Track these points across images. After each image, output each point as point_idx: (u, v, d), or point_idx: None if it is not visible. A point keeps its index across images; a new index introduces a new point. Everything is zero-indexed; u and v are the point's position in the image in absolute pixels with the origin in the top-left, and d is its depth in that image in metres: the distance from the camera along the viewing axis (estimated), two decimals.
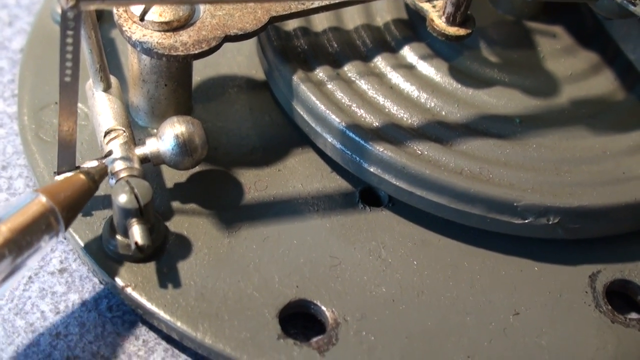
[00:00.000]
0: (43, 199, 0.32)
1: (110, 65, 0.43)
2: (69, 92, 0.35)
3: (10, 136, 0.43)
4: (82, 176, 0.34)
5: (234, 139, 0.42)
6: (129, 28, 0.37)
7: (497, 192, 0.37)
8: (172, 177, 0.40)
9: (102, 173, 0.36)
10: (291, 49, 0.42)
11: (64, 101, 0.35)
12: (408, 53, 0.42)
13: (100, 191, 0.39)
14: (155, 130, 0.41)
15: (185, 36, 0.37)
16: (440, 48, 0.42)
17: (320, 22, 0.43)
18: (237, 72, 0.45)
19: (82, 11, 0.32)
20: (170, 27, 0.37)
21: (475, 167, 0.38)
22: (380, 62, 0.42)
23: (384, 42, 0.43)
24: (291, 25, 0.43)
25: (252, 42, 0.44)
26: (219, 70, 0.45)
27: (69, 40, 0.33)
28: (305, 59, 0.41)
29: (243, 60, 0.45)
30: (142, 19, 0.37)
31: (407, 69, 0.42)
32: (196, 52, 0.37)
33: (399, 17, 0.44)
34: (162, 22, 0.37)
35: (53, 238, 0.33)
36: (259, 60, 0.44)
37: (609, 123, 0.42)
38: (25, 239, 0.31)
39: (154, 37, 0.37)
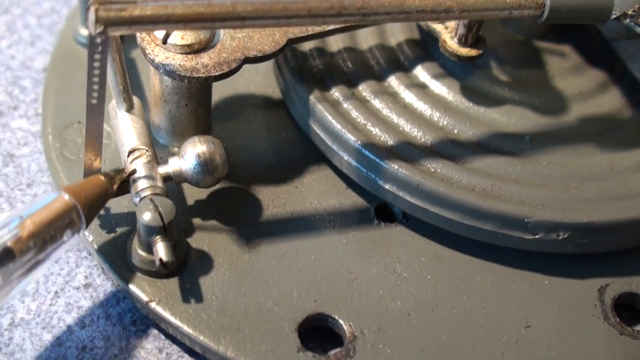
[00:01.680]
0: (66, 196, 0.34)
1: (132, 84, 0.44)
2: (96, 113, 0.36)
3: (35, 154, 0.44)
4: (102, 178, 0.36)
5: (252, 156, 0.43)
6: (152, 51, 0.38)
7: (508, 209, 0.39)
8: (193, 194, 0.41)
9: (121, 177, 0.37)
10: (307, 69, 0.43)
11: (91, 122, 0.36)
12: (421, 72, 0.44)
13: (124, 208, 0.40)
14: (176, 149, 0.42)
15: (206, 58, 0.39)
16: (452, 67, 0.44)
17: (336, 43, 0.44)
18: (255, 91, 0.46)
19: (110, 36, 0.33)
20: (192, 50, 0.39)
21: (487, 184, 0.39)
22: (393, 82, 0.43)
23: (397, 61, 0.44)
24: (307, 46, 0.44)
25: (269, 62, 0.45)
26: (237, 89, 0.46)
27: (96, 64, 0.34)
28: (321, 78, 0.43)
29: (260, 80, 0.47)
30: (164, 42, 0.38)
31: (420, 88, 0.43)
32: (217, 74, 0.38)
33: (411, 37, 0.45)
34: (184, 45, 0.38)
35: (75, 234, 0.34)
36: (276, 80, 0.45)
37: (617, 140, 0.43)
38: (48, 233, 0.33)
39: (176, 60, 0.38)
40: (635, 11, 0.37)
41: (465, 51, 0.41)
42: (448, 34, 0.41)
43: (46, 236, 0.33)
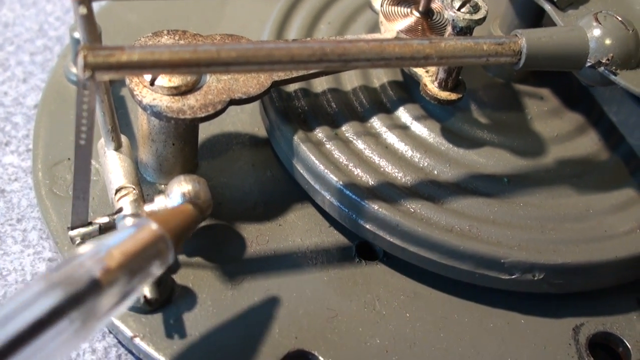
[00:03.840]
0: (154, 226, 0.33)
1: (120, 122, 0.45)
2: (84, 153, 0.37)
3: (25, 190, 0.45)
4: (190, 206, 0.36)
5: (237, 194, 0.44)
6: (140, 92, 0.40)
7: (485, 250, 0.40)
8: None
9: (209, 204, 0.37)
10: (292, 109, 0.44)
11: (79, 162, 0.37)
12: (403, 114, 0.45)
13: None
14: (163, 186, 0.43)
15: (192, 100, 0.40)
16: (433, 109, 0.45)
17: (320, 84, 0.46)
18: (241, 129, 0.47)
19: (98, 81, 0.34)
20: (179, 92, 0.40)
21: (464, 225, 0.40)
22: (376, 123, 0.44)
23: (380, 103, 0.45)
24: (292, 86, 0.45)
25: None
26: (223, 127, 0.47)
27: (85, 106, 0.35)
28: (305, 119, 0.44)
29: (246, 118, 0.48)
30: (152, 83, 0.39)
31: (402, 129, 0.44)
32: (203, 115, 0.39)
33: (394, 79, 0.46)
34: (171, 87, 0.39)
35: (164, 264, 0.33)
36: (261, 119, 0.47)
37: (593, 182, 0.44)
38: (137, 264, 0.31)
39: (163, 101, 0.39)
40: (609, 60, 0.39)
41: (445, 95, 0.42)
42: (429, 77, 0.42)
43: (134, 267, 0.31)
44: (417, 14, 0.44)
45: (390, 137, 0.44)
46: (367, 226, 0.41)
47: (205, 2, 0.55)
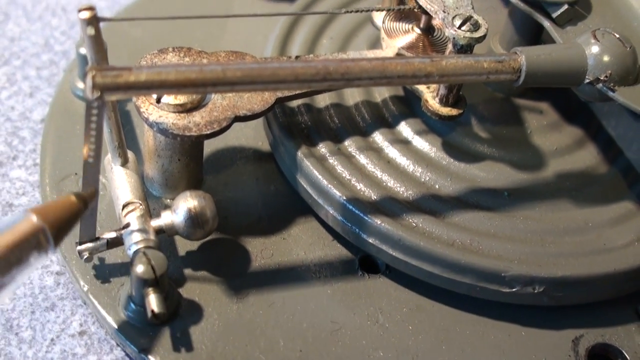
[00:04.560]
0: (33, 217, 0.32)
1: (127, 137, 0.46)
2: (92, 170, 0.38)
3: (33, 204, 0.46)
4: (72, 198, 0.35)
5: (242, 208, 0.45)
6: (146, 110, 0.40)
7: (486, 263, 0.40)
8: (185, 245, 0.43)
9: (92, 196, 0.37)
10: (295, 124, 0.45)
11: (87, 179, 0.38)
12: (404, 128, 0.45)
13: (118, 259, 0.42)
14: (168, 200, 0.44)
15: (198, 117, 0.40)
16: (434, 124, 0.45)
17: (323, 99, 0.46)
18: (245, 144, 0.48)
19: (106, 101, 0.35)
20: (184, 109, 0.40)
21: (466, 239, 0.41)
22: (378, 137, 0.45)
23: (382, 118, 0.46)
24: (295, 102, 0.46)
25: None
26: (227, 142, 0.48)
27: (93, 125, 0.36)
28: (308, 134, 0.45)
29: (250, 133, 0.48)
30: (158, 101, 0.40)
31: (404, 144, 0.45)
32: (208, 132, 0.40)
33: (396, 94, 0.47)
34: (176, 105, 0.40)
35: (42, 255, 0.33)
36: (265, 134, 0.47)
37: (592, 195, 0.44)
38: (14, 256, 0.31)
39: (169, 119, 0.40)
40: (607, 76, 0.39)
41: (446, 110, 0.43)
42: (430, 93, 0.43)
43: (11, 259, 0.31)
44: (418, 31, 0.45)
45: (392, 152, 0.44)
46: (370, 240, 0.42)
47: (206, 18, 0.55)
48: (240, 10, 0.56)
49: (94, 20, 0.36)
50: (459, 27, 0.40)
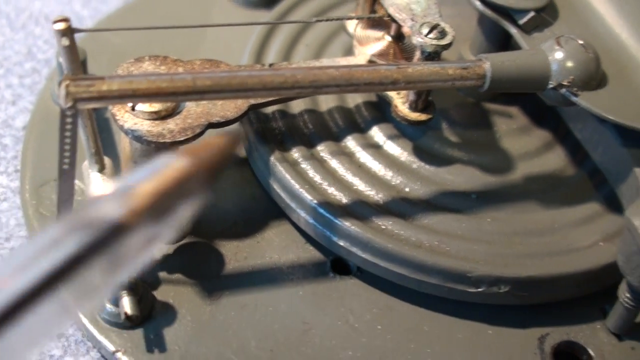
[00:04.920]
0: (183, 161, 0.29)
1: (105, 143, 0.47)
2: (67, 177, 0.39)
3: (13, 209, 0.47)
4: (222, 138, 0.32)
5: (217, 212, 0.46)
6: (122, 117, 0.41)
7: (452, 264, 0.41)
8: (159, 249, 0.44)
9: (239, 137, 0.35)
10: (269, 130, 0.46)
11: (63, 186, 0.39)
12: (376, 133, 0.46)
13: None
14: None
15: (172, 124, 0.41)
16: (406, 128, 0.46)
17: (297, 105, 0.47)
18: None
19: (79, 110, 0.36)
20: (159, 116, 0.41)
21: (433, 241, 0.42)
22: (350, 142, 0.46)
23: (354, 123, 0.47)
24: (270, 108, 0.47)
25: None
26: None
27: (67, 133, 0.37)
28: (282, 139, 0.46)
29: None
30: (133, 108, 0.41)
31: (375, 148, 0.46)
32: (182, 139, 0.41)
33: (368, 99, 0.48)
34: (151, 112, 0.41)
35: (196, 203, 0.29)
36: (241, 139, 0.48)
37: (559, 197, 0.46)
38: (165, 204, 0.28)
39: (144, 126, 0.41)
40: (569, 82, 0.40)
41: (415, 116, 0.44)
42: (400, 99, 0.44)
43: (162, 208, 0.27)
44: (389, 38, 0.46)
45: (364, 156, 0.45)
46: (341, 243, 0.43)
47: (188, 24, 0.57)
48: (219, 18, 0.58)
49: (69, 31, 0.37)
50: (426, 35, 0.41)
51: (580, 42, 0.41)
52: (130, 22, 0.57)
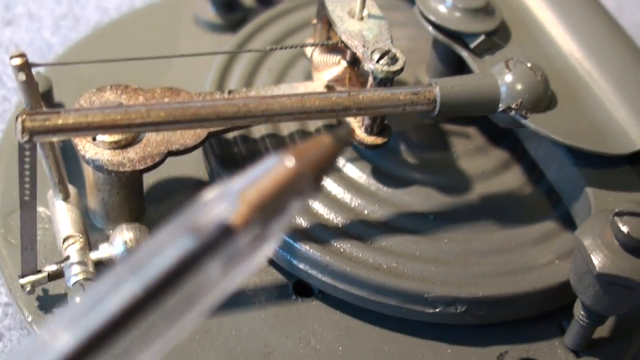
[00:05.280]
0: (291, 161, 0.29)
1: (73, 170, 0.48)
2: (29, 208, 0.40)
3: None
4: (329, 137, 0.31)
5: None
6: (83, 147, 0.42)
7: (410, 286, 0.42)
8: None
9: (349, 136, 0.36)
10: (231, 155, 0.47)
11: (25, 216, 0.40)
12: None
13: (61, 290, 0.44)
14: (111, 231, 0.46)
15: (132, 153, 0.42)
16: (365, 151, 0.47)
17: (259, 130, 0.48)
18: (187, 174, 0.50)
19: (36, 143, 0.37)
20: (119, 145, 0.42)
21: (391, 263, 0.43)
22: None
23: None
24: (231, 133, 0.48)
25: None
26: (170, 173, 0.49)
27: (27, 166, 0.38)
28: (244, 165, 0.46)
29: (192, 162, 0.50)
30: (94, 138, 0.42)
31: (335, 171, 0.47)
32: (142, 167, 0.42)
33: (329, 122, 0.49)
34: (111, 142, 0.42)
35: (303, 200, 0.29)
36: (204, 165, 0.49)
37: (516, 216, 0.46)
38: (274, 205, 0.27)
39: (105, 155, 0.42)
40: (518, 105, 0.41)
41: (371, 140, 0.45)
42: (356, 123, 0.45)
43: (271, 209, 0.27)
44: (345, 64, 0.47)
45: (324, 179, 0.46)
46: (301, 266, 0.43)
47: (154, 51, 0.57)
48: (186, 43, 0.58)
49: (25, 66, 0.38)
50: (377, 61, 0.42)
51: (529, 65, 0.42)
52: (98, 48, 0.58)
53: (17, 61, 0.38)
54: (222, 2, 0.59)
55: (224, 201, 0.27)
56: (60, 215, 0.43)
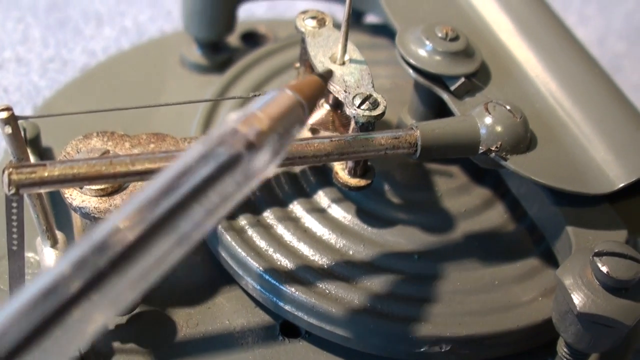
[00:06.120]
0: (291, 93, 0.35)
1: (61, 216, 0.49)
2: (17, 257, 0.40)
3: None
4: (316, 77, 0.38)
5: (169, 279, 0.47)
6: (70, 195, 0.43)
7: (394, 326, 0.43)
8: (113, 319, 0.45)
9: (330, 74, 0.40)
10: None
11: (13, 265, 0.40)
12: (321, 198, 0.48)
13: None
14: None
15: (119, 200, 0.43)
16: (349, 192, 0.48)
17: None
18: None
19: (23, 195, 0.38)
20: (106, 193, 0.43)
21: (376, 303, 0.44)
22: (296, 207, 0.48)
23: (300, 188, 0.48)
24: None
25: None
26: None
27: (14, 217, 0.38)
28: None
29: None
30: (81, 187, 0.43)
31: (320, 212, 0.47)
32: None
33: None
34: (98, 189, 0.43)
35: (301, 127, 0.35)
36: None
37: (500, 253, 0.47)
38: (282, 127, 0.33)
39: (92, 202, 0.42)
40: (498, 147, 0.42)
41: (354, 182, 0.45)
42: (340, 165, 0.46)
43: (281, 129, 0.33)
44: (328, 107, 0.48)
45: (309, 221, 0.47)
46: (287, 308, 0.44)
47: (141, 91, 0.58)
48: (173, 84, 0.59)
49: (11, 119, 0.39)
50: (359, 106, 0.43)
51: (508, 107, 0.43)
52: (86, 90, 0.59)
53: (3, 115, 0.38)
54: (208, 44, 0.60)
55: (246, 123, 0.32)
56: (49, 262, 0.44)
